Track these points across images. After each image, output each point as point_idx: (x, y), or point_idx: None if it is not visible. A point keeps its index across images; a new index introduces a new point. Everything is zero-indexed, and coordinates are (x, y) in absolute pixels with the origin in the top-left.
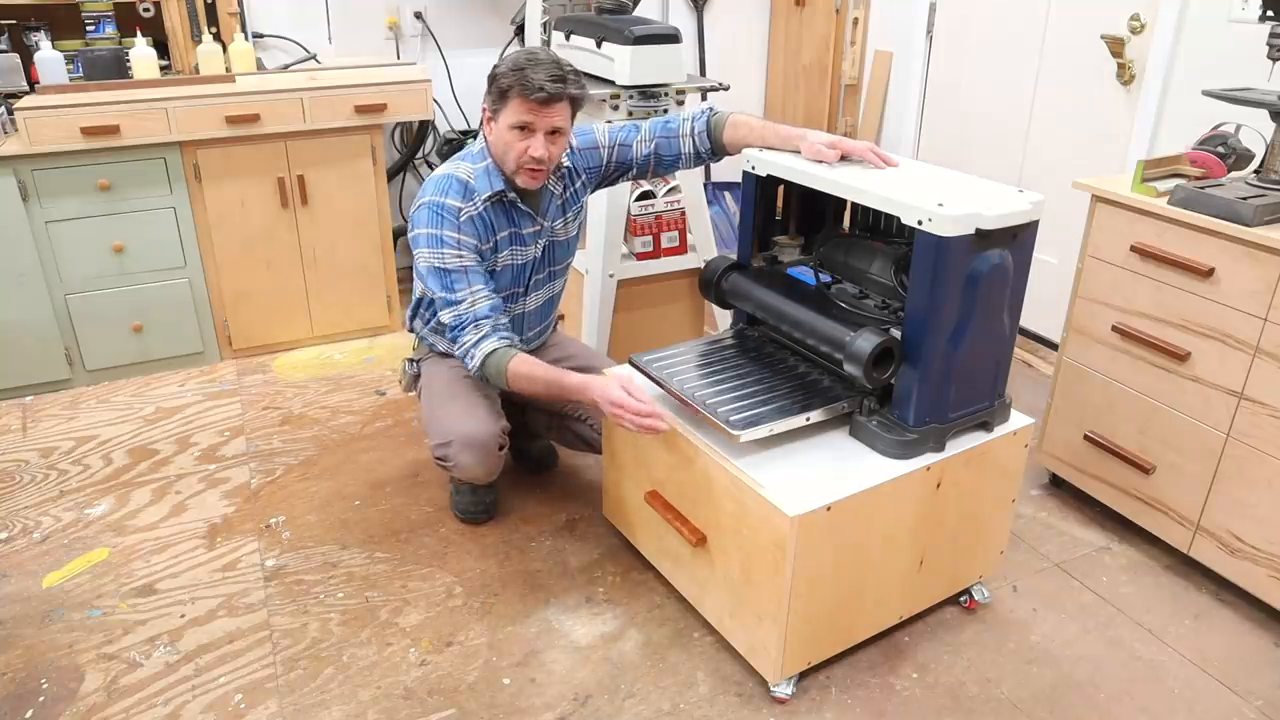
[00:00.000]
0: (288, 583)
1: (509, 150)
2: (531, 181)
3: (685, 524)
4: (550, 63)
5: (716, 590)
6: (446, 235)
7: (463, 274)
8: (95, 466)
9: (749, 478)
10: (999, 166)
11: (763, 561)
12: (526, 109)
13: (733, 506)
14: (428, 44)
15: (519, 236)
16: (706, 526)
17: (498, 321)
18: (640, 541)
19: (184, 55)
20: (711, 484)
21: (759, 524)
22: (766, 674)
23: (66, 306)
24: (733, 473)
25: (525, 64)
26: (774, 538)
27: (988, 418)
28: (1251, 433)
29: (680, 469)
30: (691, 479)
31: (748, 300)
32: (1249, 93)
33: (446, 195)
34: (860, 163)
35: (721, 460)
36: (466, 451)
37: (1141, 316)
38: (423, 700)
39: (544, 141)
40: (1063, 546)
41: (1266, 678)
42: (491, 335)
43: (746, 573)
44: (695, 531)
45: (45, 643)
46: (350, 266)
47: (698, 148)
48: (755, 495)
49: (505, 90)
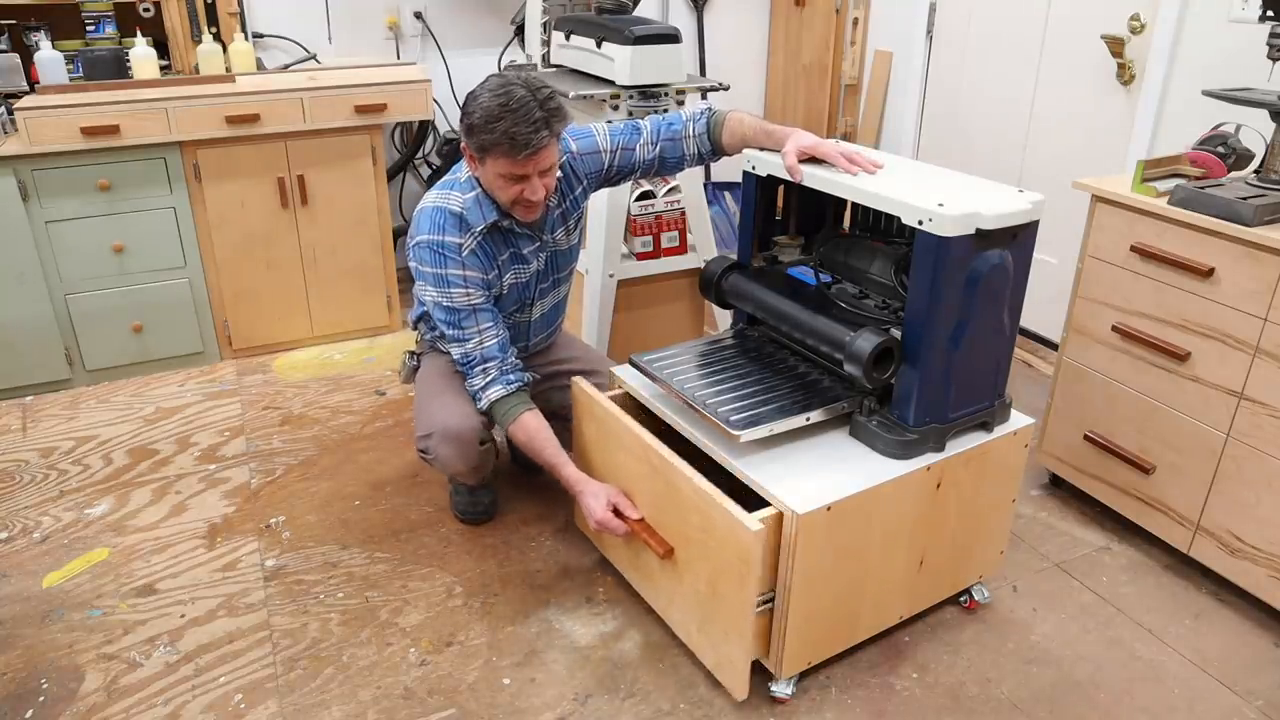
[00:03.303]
0: (288, 583)
1: (502, 194)
2: (529, 215)
3: (653, 536)
4: (528, 104)
5: (684, 604)
6: (452, 275)
7: (470, 313)
8: (95, 466)
9: (712, 494)
10: (999, 166)
11: (728, 576)
12: (514, 165)
13: (698, 519)
14: (428, 44)
15: (519, 256)
16: (674, 539)
17: (505, 362)
18: (610, 553)
19: (184, 55)
20: (678, 496)
21: (725, 537)
22: (733, 690)
23: (66, 306)
24: (699, 484)
25: (500, 112)
26: (738, 551)
27: (988, 418)
28: (1251, 433)
29: (648, 479)
30: (659, 490)
31: (748, 300)
32: (1249, 93)
33: (445, 233)
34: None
35: (690, 474)
36: (446, 444)
37: (1141, 316)
38: (423, 700)
39: (539, 183)
40: (1063, 546)
41: (1266, 678)
42: (499, 380)
43: (713, 586)
44: (663, 544)
45: (45, 643)
46: (350, 266)
47: (699, 148)
48: (721, 508)
49: (485, 145)
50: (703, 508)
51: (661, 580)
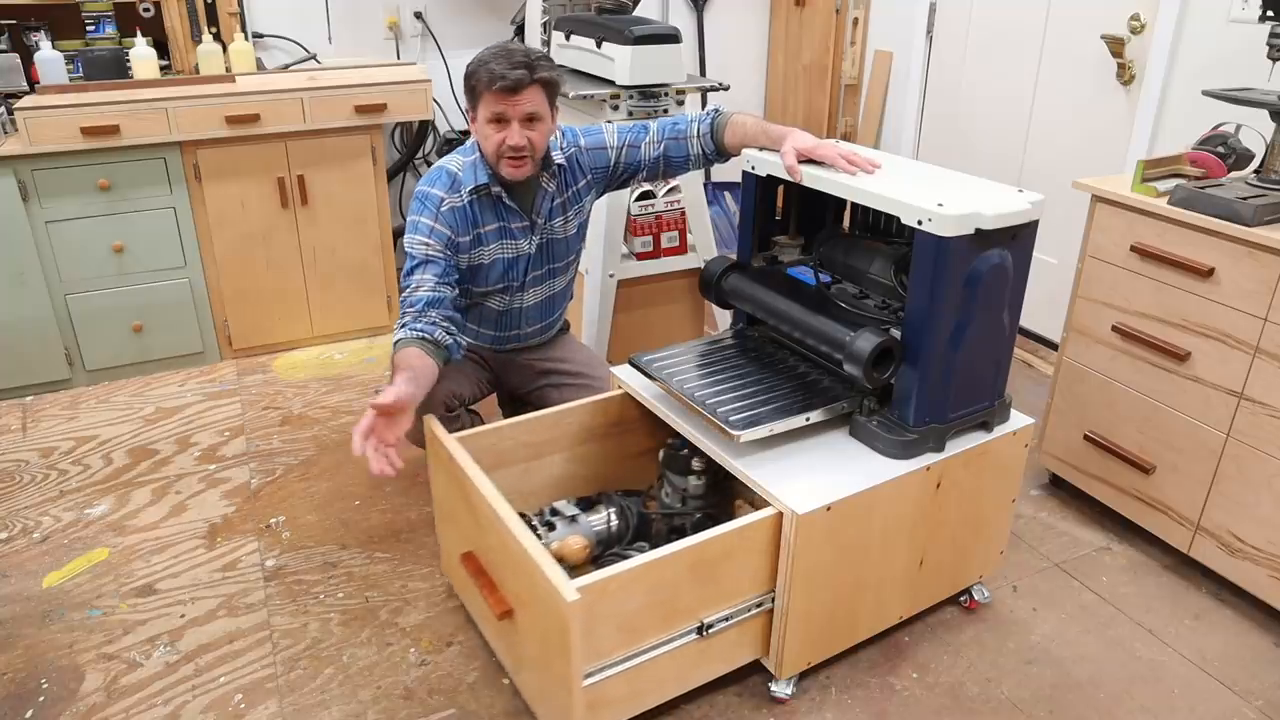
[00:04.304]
0: (288, 583)
1: (488, 142)
2: (514, 172)
3: (494, 594)
4: (516, 51)
5: (527, 668)
6: (421, 222)
7: (423, 263)
8: (95, 466)
9: (535, 558)
10: (999, 166)
11: (554, 646)
12: (495, 100)
13: (526, 580)
14: (428, 44)
15: (508, 231)
16: (512, 598)
17: (424, 313)
18: (469, 607)
19: (184, 55)
20: (509, 554)
21: (545, 601)
22: None
23: (66, 306)
24: (525, 544)
25: (489, 57)
26: (558, 621)
27: (988, 418)
28: (1251, 433)
29: (488, 533)
30: (499, 546)
31: (748, 300)
32: (1249, 93)
33: (433, 186)
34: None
35: (518, 532)
36: None
37: (1141, 316)
38: (423, 700)
39: (519, 130)
40: (1063, 546)
41: (1266, 678)
42: (411, 325)
43: (545, 651)
44: (501, 603)
45: (45, 643)
46: (350, 266)
47: (704, 149)
48: (540, 572)
49: (474, 86)
50: (528, 571)
51: (506, 639)
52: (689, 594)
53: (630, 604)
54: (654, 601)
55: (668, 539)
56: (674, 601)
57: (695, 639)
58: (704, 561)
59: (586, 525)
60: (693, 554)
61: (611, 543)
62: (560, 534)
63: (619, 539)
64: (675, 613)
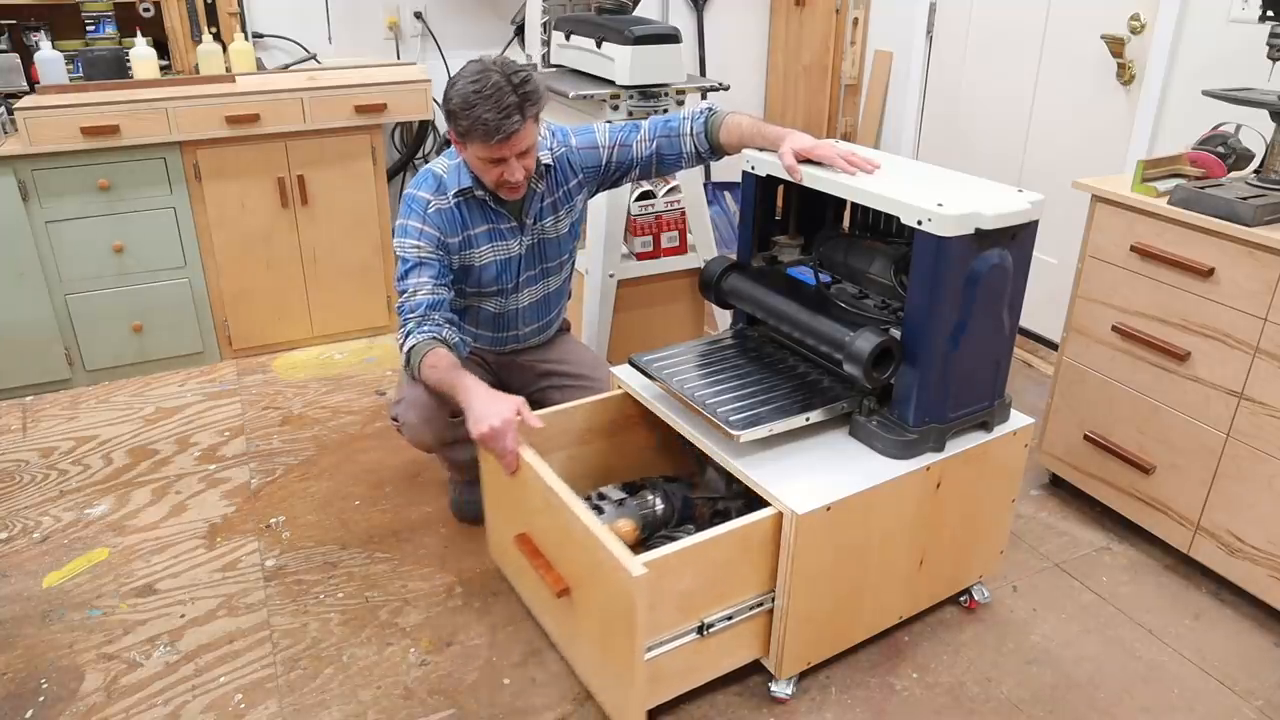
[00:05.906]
0: (288, 583)
1: (483, 174)
2: (513, 195)
3: (550, 572)
4: (502, 89)
5: (584, 644)
6: (410, 225)
7: (416, 265)
8: (95, 466)
9: (599, 536)
10: (999, 166)
11: (616, 621)
12: (491, 150)
13: (588, 559)
14: (428, 44)
15: (499, 232)
16: (571, 578)
17: (428, 316)
18: (519, 588)
19: (184, 55)
20: (570, 533)
21: (609, 578)
22: None
23: (66, 306)
24: (588, 525)
25: (475, 99)
26: (622, 597)
27: (988, 418)
28: (1251, 433)
29: (545, 514)
30: (558, 527)
31: (748, 300)
32: (1249, 93)
33: (420, 188)
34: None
35: (581, 513)
36: (413, 409)
37: (1141, 316)
38: (423, 700)
39: (518, 164)
40: (1063, 546)
41: (1266, 678)
42: (416, 332)
43: (606, 630)
44: (559, 581)
45: (45, 643)
46: (350, 266)
47: (697, 147)
48: (606, 551)
49: (464, 130)
50: (591, 549)
51: (561, 619)
52: (738, 571)
53: (684, 583)
54: (709, 580)
55: (711, 523)
56: (729, 579)
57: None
58: (748, 541)
59: (634, 508)
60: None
61: (657, 526)
62: (609, 516)
63: (664, 523)
64: (730, 590)
